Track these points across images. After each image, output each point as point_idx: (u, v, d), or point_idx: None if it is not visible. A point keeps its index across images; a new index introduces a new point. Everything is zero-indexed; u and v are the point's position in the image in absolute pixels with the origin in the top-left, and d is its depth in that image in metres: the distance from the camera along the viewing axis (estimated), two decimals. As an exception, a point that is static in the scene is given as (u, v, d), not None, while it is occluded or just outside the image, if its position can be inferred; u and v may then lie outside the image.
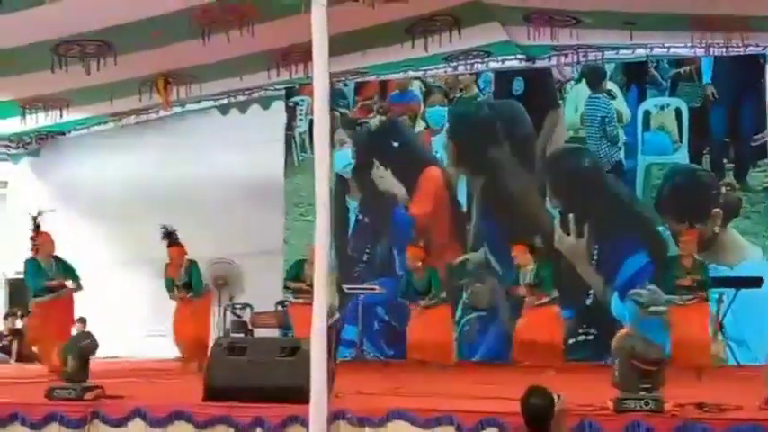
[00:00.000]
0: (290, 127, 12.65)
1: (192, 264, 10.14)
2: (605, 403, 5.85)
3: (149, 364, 10.26)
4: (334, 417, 5.97)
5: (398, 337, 10.86)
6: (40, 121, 11.55)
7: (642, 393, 5.76)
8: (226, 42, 9.30)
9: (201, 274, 10.20)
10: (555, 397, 4.79)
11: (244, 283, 11.33)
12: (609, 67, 11.64)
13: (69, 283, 9.53)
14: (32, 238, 9.54)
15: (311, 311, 5.63)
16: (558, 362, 9.40)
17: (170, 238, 10.12)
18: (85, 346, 6.80)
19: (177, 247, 10.09)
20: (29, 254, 9.58)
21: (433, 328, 10.07)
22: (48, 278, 9.42)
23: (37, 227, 9.59)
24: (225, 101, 12.69)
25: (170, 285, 10.09)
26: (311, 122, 7.44)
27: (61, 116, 11.46)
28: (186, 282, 10.03)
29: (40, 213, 9.68)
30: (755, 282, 9.87)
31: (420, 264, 10.26)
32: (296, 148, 12.60)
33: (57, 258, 9.56)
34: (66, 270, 9.56)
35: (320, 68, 5.90)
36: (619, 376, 5.87)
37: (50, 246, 9.53)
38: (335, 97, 11.47)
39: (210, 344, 9.65)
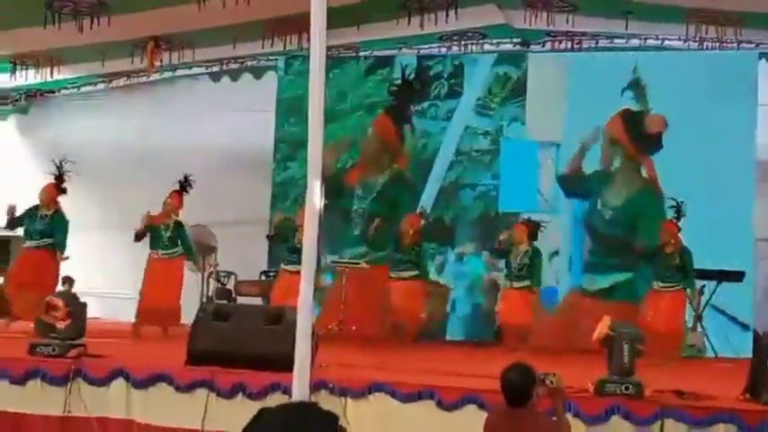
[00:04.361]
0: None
1: (181, 224, 9.93)
2: (585, 385, 5.91)
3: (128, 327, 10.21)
4: (317, 386, 5.99)
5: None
6: (29, 78, 11.45)
7: (622, 377, 5.82)
8: (221, 8, 9.24)
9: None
10: (551, 376, 4.81)
11: (217, 248, 11.33)
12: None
13: None
14: None
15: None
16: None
17: (184, 185, 9.99)
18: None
19: (181, 197, 9.94)
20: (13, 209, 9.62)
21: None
22: None
23: None
24: (217, 68, 12.60)
25: (157, 234, 9.72)
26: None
27: (52, 74, 11.36)
28: (170, 239, 9.81)
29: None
30: (737, 275, 9.96)
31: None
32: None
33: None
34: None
35: (317, 40, 5.88)
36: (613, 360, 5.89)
37: None
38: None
39: (180, 310, 9.75)
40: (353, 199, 11.92)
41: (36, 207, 9.55)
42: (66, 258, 9.57)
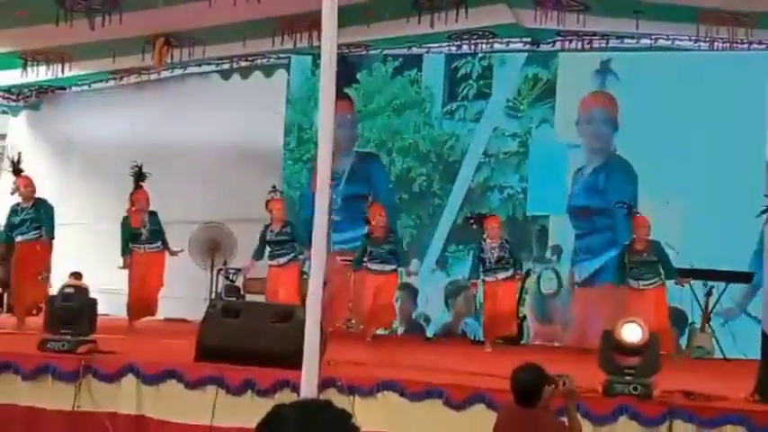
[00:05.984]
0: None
1: (154, 214, 9.94)
2: (594, 385, 5.91)
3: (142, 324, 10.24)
4: (325, 384, 6.01)
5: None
6: (40, 74, 11.48)
7: (630, 378, 5.83)
8: (232, 6, 9.25)
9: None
10: (564, 377, 4.79)
11: (236, 247, 11.34)
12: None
13: None
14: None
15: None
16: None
17: (140, 178, 9.92)
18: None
19: (143, 192, 9.89)
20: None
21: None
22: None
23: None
24: (227, 66, 12.62)
25: (136, 237, 9.76)
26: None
27: (63, 71, 11.39)
28: (151, 232, 9.83)
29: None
30: (746, 277, 9.93)
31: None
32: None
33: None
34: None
35: (328, 38, 5.91)
36: (602, 360, 5.92)
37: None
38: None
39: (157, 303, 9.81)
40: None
41: (16, 204, 9.51)
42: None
